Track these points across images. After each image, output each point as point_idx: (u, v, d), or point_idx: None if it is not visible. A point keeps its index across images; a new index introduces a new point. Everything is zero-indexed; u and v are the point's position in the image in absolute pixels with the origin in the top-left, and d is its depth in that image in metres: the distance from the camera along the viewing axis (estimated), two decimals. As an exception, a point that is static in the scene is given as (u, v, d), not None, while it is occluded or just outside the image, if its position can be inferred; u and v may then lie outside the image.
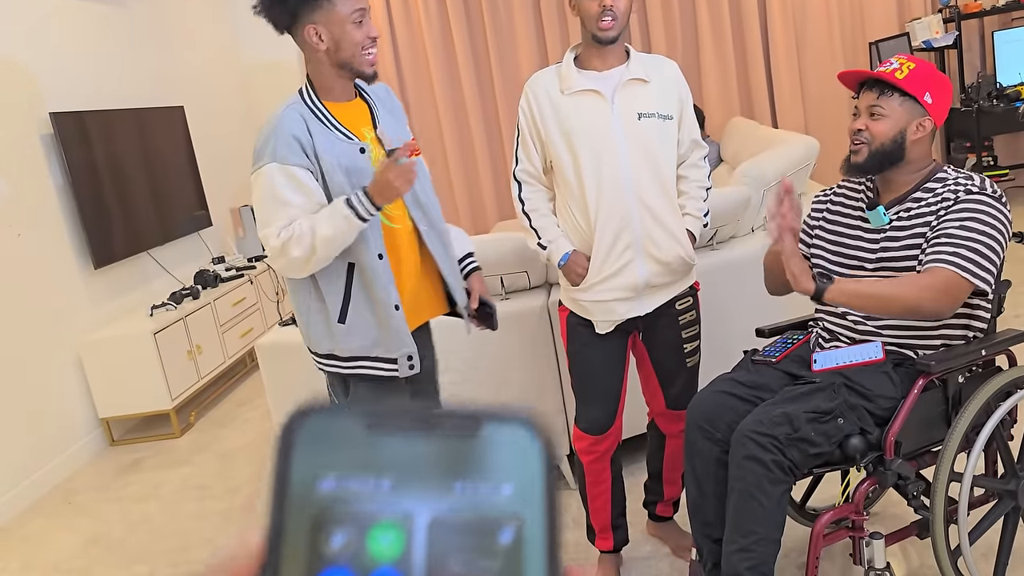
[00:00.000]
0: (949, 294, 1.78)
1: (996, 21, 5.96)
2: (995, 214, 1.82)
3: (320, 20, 1.76)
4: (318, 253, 1.80)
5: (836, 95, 6.14)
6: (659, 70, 2.15)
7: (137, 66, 5.07)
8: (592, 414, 2.26)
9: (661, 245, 2.12)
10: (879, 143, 1.91)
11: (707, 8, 6.07)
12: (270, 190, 1.79)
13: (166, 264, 4.99)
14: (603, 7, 2.01)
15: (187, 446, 4.12)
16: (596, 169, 2.08)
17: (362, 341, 1.92)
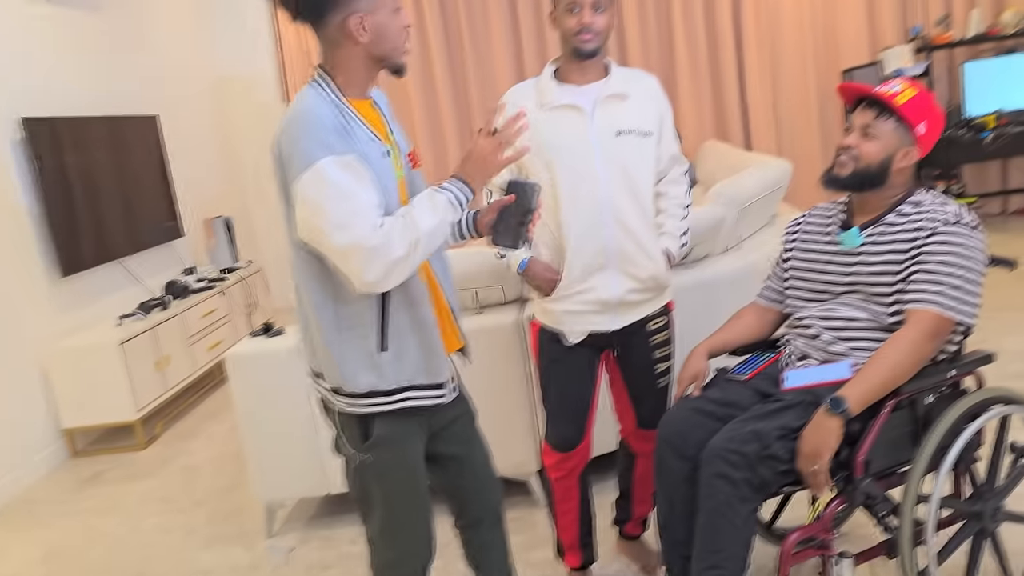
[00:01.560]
0: (939, 337, 1.83)
1: (965, 52, 6.10)
2: (974, 246, 1.85)
3: (364, 8, 1.57)
4: (420, 250, 1.55)
5: (809, 120, 6.23)
6: (639, 85, 2.15)
7: (112, 74, 5.02)
8: (561, 430, 2.24)
9: (636, 262, 2.12)
10: (865, 163, 1.93)
11: (683, 33, 6.14)
12: (334, 187, 1.49)
13: (136, 273, 4.92)
14: (582, 25, 2.02)
15: (151, 459, 4.04)
16: (573, 185, 2.07)
17: (409, 368, 1.68)
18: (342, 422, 1.73)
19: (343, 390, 1.67)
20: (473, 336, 2.80)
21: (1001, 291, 4.43)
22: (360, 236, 1.49)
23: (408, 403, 1.69)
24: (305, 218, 1.53)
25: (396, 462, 1.73)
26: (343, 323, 1.64)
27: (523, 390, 2.84)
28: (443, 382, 1.74)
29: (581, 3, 2.01)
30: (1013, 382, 3.27)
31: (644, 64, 6.19)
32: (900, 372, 1.81)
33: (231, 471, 3.71)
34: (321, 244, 1.54)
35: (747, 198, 3.05)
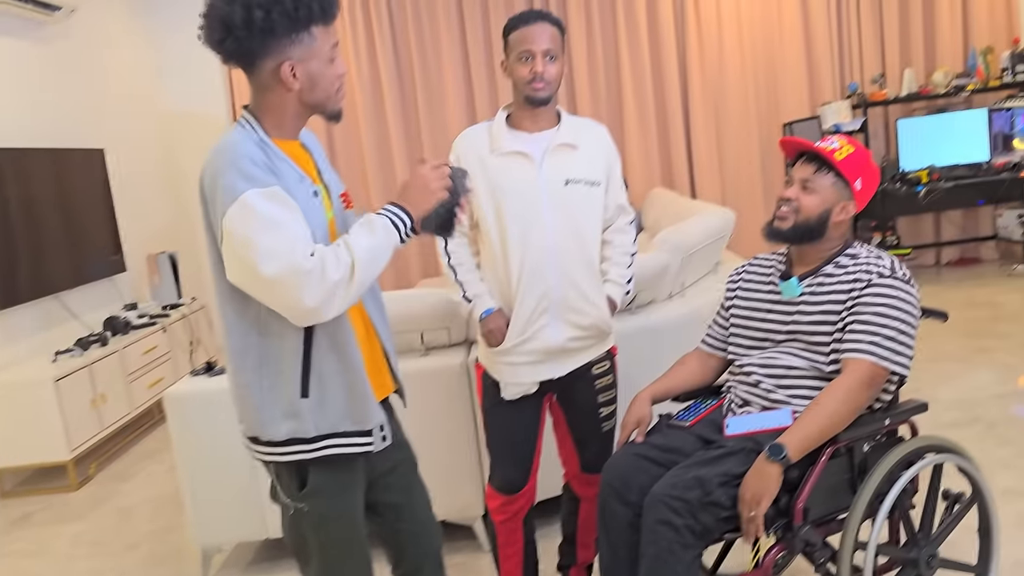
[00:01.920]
0: (874, 386, 1.88)
1: (899, 110, 6.36)
2: (907, 299, 1.92)
3: (297, 56, 1.55)
4: (359, 274, 1.50)
5: (751, 170, 6.42)
6: (589, 135, 2.19)
7: (58, 106, 4.94)
8: (506, 473, 2.24)
9: (578, 310, 2.14)
10: (805, 216, 2.00)
11: (631, 84, 6.29)
12: (262, 217, 1.45)
13: (75, 308, 4.79)
14: (534, 73, 2.06)
15: (84, 500, 3.90)
16: (521, 233, 2.09)
17: (332, 414, 1.62)
18: (277, 470, 1.67)
19: (261, 438, 1.62)
20: (418, 378, 2.78)
21: (935, 342, 4.58)
22: (292, 262, 1.44)
23: (331, 451, 1.63)
24: (234, 253, 1.48)
25: (333, 511, 1.68)
26: (264, 368, 1.59)
27: (468, 433, 2.83)
28: (371, 429, 1.67)
29: (533, 52, 2.06)
30: (946, 431, 3.37)
31: (593, 113, 6.32)
32: (837, 420, 1.85)
33: (167, 513, 3.60)
34: (253, 280, 1.48)
35: (691, 245, 3.11)
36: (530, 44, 2.06)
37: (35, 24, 4.79)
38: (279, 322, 1.57)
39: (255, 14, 1.50)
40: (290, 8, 1.52)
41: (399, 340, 2.85)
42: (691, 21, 6.25)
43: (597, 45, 6.27)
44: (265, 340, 1.58)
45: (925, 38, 6.31)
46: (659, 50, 6.31)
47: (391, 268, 6.50)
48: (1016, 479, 2.90)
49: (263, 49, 1.54)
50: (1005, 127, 6.06)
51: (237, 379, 1.61)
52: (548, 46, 2.07)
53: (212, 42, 1.56)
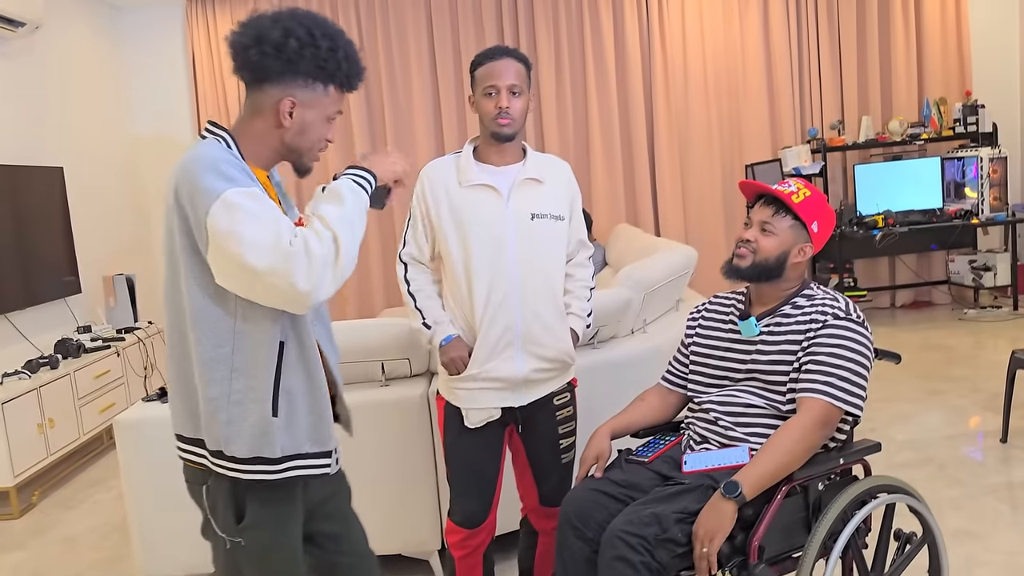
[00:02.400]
0: (828, 425, 1.91)
1: (857, 155, 6.53)
2: (862, 340, 1.96)
3: (301, 98, 1.59)
4: (343, 243, 1.50)
5: (714, 210, 6.52)
6: (553, 170, 2.23)
7: (17, 122, 4.86)
8: (467, 506, 2.22)
9: (542, 343, 2.16)
10: (763, 256, 2.04)
11: (599, 124, 6.38)
12: (244, 211, 1.45)
13: (25, 330, 4.67)
14: (499, 109, 2.09)
15: (25, 528, 3.77)
16: (487, 266, 2.11)
17: (298, 435, 1.60)
18: (212, 503, 1.63)
19: (225, 453, 1.58)
20: (378, 409, 2.75)
21: (889, 383, 4.66)
22: (278, 250, 1.45)
23: (294, 472, 1.61)
24: (221, 251, 1.47)
25: (273, 544, 1.64)
26: (235, 383, 1.56)
27: (427, 466, 2.80)
28: (330, 451, 1.67)
29: (498, 87, 2.09)
30: (899, 471, 3.42)
31: (561, 150, 6.39)
32: (792, 458, 1.87)
33: (113, 543, 3.49)
34: (242, 274, 1.47)
35: (654, 282, 3.14)
36: (495, 80, 2.09)
37: (-2, 40, 4.73)
38: (255, 335, 1.56)
39: (290, 42, 1.56)
40: (322, 56, 1.58)
41: (360, 370, 2.82)
42: (658, 63, 6.38)
43: (566, 84, 6.36)
44: (239, 353, 1.56)
45: (882, 88, 6.51)
46: (626, 91, 6.41)
47: (354, 297, 6.46)
48: (966, 520, 2.95)
49: (278, 76, 1.58)
50: (957, 175, 6.25)
51: (206, 391, 1.57)
52: (513, 81, 2.09)
53: (237, 46, 1.58)
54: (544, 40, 6.30)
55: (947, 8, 6.43)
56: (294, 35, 1.56)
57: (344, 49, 1.61)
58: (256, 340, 1.56)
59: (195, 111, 6.37)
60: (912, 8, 6.41)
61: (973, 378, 4.60)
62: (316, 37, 1.57)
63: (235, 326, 1.56)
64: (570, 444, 2.28)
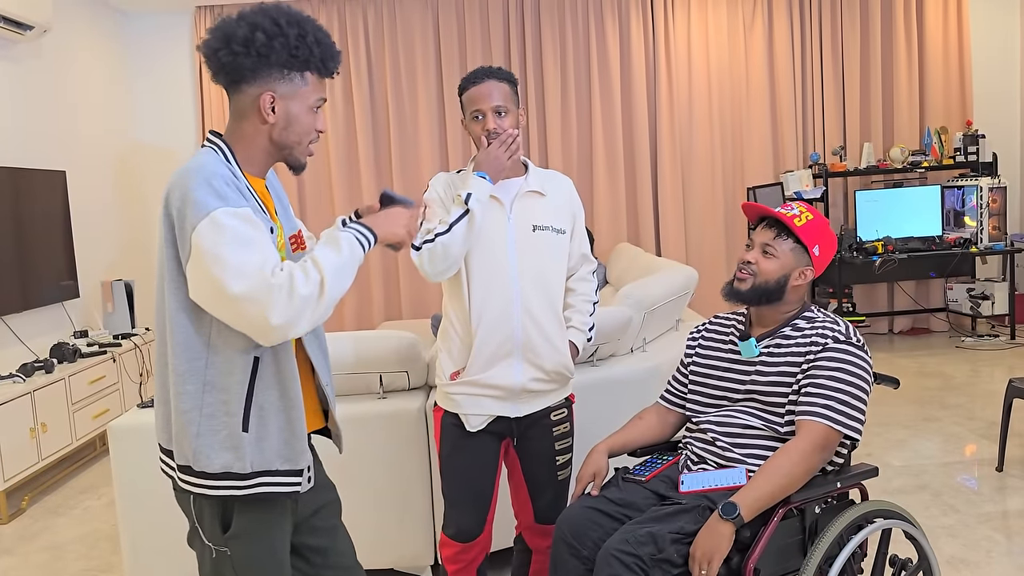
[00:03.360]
0: (827, 449, 1.91)
1: (858, 181, 6.56)
2: (861, 364, 1.95)
3: (282, 92, 1.58)
4: (328, 290, 1.49)
5: (715, 231, 6.53)
6: (555, 184, 2.25)
7: (22, 125, 4.87)
8: (462, 520, 2.20)
9: (541, 353, 2.16)
10: (764, 279, 2.04)
11: (603, 143, 6.40)
12: (233, 233, 1.44)
13: (22, 333, 4.65)
14: (487, 131, 2.11)
15: (13, 534, 3.74)
16: (487, 275, 2.12)
17: (268, 451, 1.58)
18: (199, 510, 1.61)
19: (194, 468, 1.56)
20: (375, 421, 2.74)
21: (885, 408, 4.65)
22: (260, 280, 1.44)
23: (263, 489, 1.59)
24: (201, 270, 1.46)
25: (260, 555, 1.62)
26: (208, 395, 1.55)
27: (422, 479, 2.78)
28: (302, 469, 1.63)
29: (483, 111, 2.12)
30: (894, 497, 3.40)
31: (564, 167, 6.41)
32: (790, 481, 1.86)
33: (102, 552, 3.46)
34: (219, 297, 1.46)
35: (654, 301, 3.14)
36: (480, 104, 2.11)
37: (6, 42, 4.75)
38: (228, 349, 1.55)
39: (257, 36, 1.55)
40: (292, 44, 1.57)
41: (358, 382, 2.82)
42: (662, 84, 6.41)
43: (571, 102, 6.39)
44: (212, 367, 1.55)
45: (884, 115, 6.55)
46: (630, 111, 6.44)
47: (353, 309, 6.45)
48: (960, 548, 2.93)
49: (253, 73, 1.57)
50: (956, 204, 6.27)
51: (178, 403, 1.56)
52: (498, 103, 2.11)
53: (209, 51, 1.58)
54: (550, 59, 6.34)
55: (950, 38, 6.48)
56: (260, 28, 1.55)
57: (313, 34, 1.60)
58: (229, 355, 1.55)
59: (200, 119, 6.39)
60: (915, 38, 6.46)
61: (969, 406, 4.60)
62: (282, 26, 1.56)
63: (209, 340, 1.55)
64: (566, 461, 2.27)
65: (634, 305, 3.02)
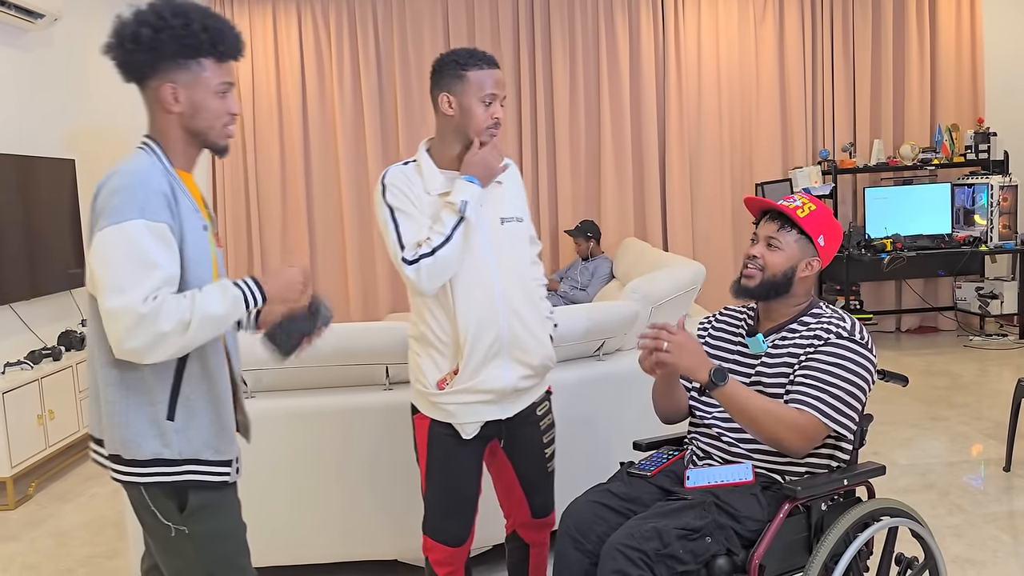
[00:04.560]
0: (807, 437, 1.88)
1: (867, 178, 6.53)
2: (862, 361, 1.93)
3: (181, 81, 1.62)
4: (191, 333, 1.52)
5: (723, 227, 6.51)
6: (507, 172, 2.15)
7: (32, 113, 4.87)
8: (452, 526, 2.15)
9: (528, 349, 2.09)
10: (771, 273, 2.02)
11: (611, 136, 6.39)
12: (134, 249, 1.50)
13: (30, 320, 4.67)
14: (496, 119, 2.03)
15: (20, 520, 3.76)
16: (468, 276, 2.03)
17: (196, 441, 1.62)
18: (150, 493, 1.63)
19: (123, 456, 1.60)
20: (380, 413, 2.75)
21: (892, 407, 4.63)
22: (131, 302, 1.48)
23: (191, 476, 1.63)
24: (93, 270, 1.53)
25: (221, 529, 1.68)
26: (132, 385, 1.59)
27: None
28: (230, 460, 1.69)
29: (498, 96, 2.03)
30: (900, 495, 3.39)
31: (572, 162, 6.40)
32: (764, 429, 1.86)
33: (108, 539, 3.48)
34: (97, 300, 1.53)
35: (661, 296, 3.14)
36: (496, 89, 2.02)
37: (17, 30, 4.75)
38: None
39: (143, 31, 1.59)
40: (179, 33, 1.60)
41: (364, 373, 2.82)
42: (672, 79, 6.39)
43: (580, 96, 6.38)
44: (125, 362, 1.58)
45: (895, 112, 6.52)
46: (639, 105, 6.42)
47: (359, 301, 6.45)
48: (966, 548, 2.92)
49: (151, 68, 1.62)
50: (967, 202, 6.24)
51: (105, 394, 1.60)
52: (504, 93, 2.08)
53: (107, 52, 1.64)
54: (559, 51, 6.32)
55: (962, 36, 6.44)
56: (146, 23, 1.59)
57: (200, 21, 1.62)
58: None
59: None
60: (928, 34, 6.42)
61: (976, 406, 4.58)
62: (167, 18, 1.59)
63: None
64: (553, 452, 2.25)
65: (641, 300, 3.01)
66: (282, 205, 6.44)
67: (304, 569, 2.98)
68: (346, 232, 6.43)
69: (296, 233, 6.44)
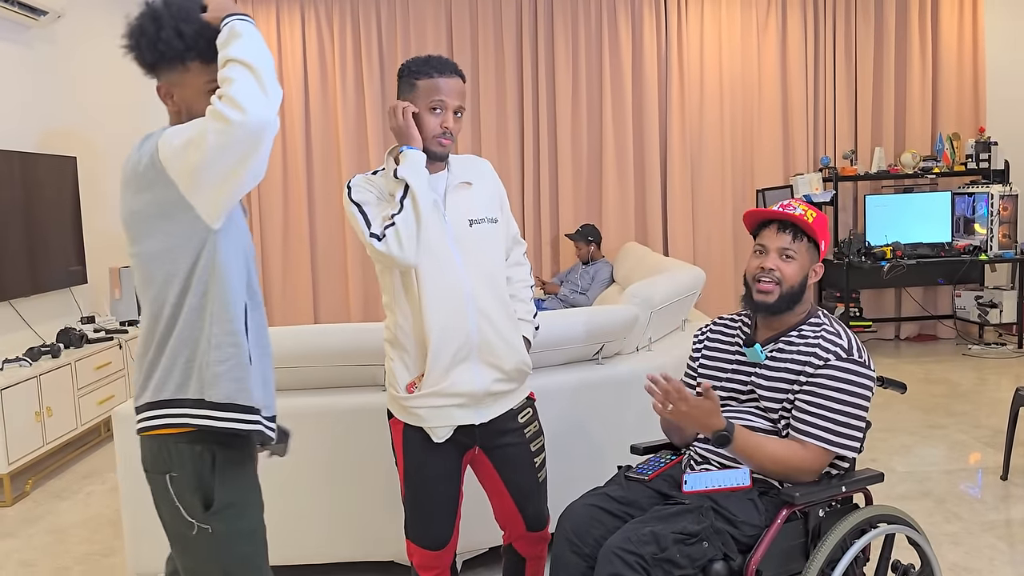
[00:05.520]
0: (816, 470, 1.94)
1: (868, 186, 6.54)
2: (863, 381, 1.94)
3: (174, 81, 1.69)
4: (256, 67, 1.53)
5: (723, 232, 6.52)
6: (478, 171, 2.14)
7: (34, 110, 4.88)
8: (433, 531, 2.13)
9: (499, 353, 2.07)
10: (789, 285, 2.01)
11: (613, 140, 6.40)
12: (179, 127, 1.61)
13: (29, 317, 4.67)
14: (444, 128, 2.02)
15: (16, 516, 3.76)
16: (433, 278, 2.01)
17: (258, 393, 1.67)
18: (178, 490, 1.65)
19: (205, 400, 1.61)
20: (379, 414, 2.75)
21: (891, 414, 4.63)
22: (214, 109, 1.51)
23: (259, 427, 1.66)
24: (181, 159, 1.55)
25: (243, 528, 1.68)
26: (215, 327, 1.62)
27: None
28: (274, 416, 1.75)
29: (446, 105, 2.01)
30: (897, 502, 3.39)
31: (574, 165, 6.41)
32: (773, 466, 1.92)
33: (104, 537, 3.48)
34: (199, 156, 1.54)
35: (661, 300, 3.14)
36: (444, 96, 2.00)
37: (20, 27, 4.76)
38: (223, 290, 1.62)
39: (131, 38, 1.69)
40: (153, 40, 1.66)
41: (363, 373, 2.82)
42: (674, 84, 6.40)
43: (582, 100, 6.38)
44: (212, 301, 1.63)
45: (896, 120, 6.53)
46: (641, 110, 6.43)
47: (359, 301, 6.45)
48: (963, 556, 2.92)
49: (150, 69, 1.70)
50: (967, 211, 6.24)
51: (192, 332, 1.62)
52: (459, 103, 2.04)
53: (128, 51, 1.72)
54: (562, 56, 6.33)
55: (964, 45, 6.45)
56: (130, 30, 1.68)
57: (171, 27, 1.64)
58: (224, 294, 1.62)
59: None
60: (930, 43, 6.43)
61: (975, 414, 4.58)
62: (144, 25, 1.66)
63: (206, 278, 1.62)
64: (543, 460, 2.20)
65: (641, 304, 3.01)
66: (283, 207, 6.44)
67: (301, 569, 2.98)
68: (347, 234, 6.43)
69: (297, 234, 6.44)
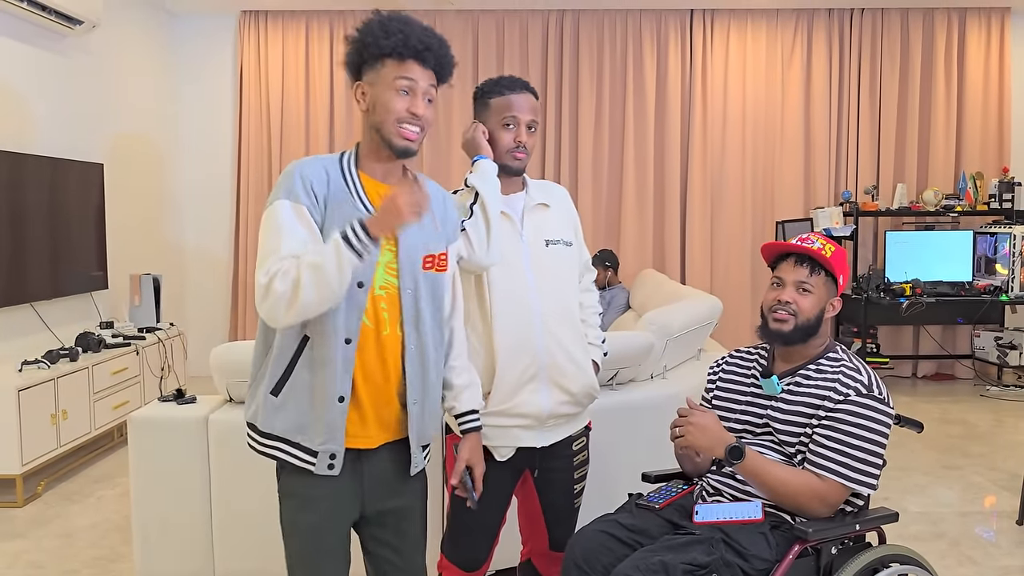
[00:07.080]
0: (829, 504, 1.92)
1: (889, 222, 6.51)
2: (882, 419, 1.93)
3: (367, 80, 1.74)
4: (303, 288, 1.57)
5: (742, 262, 6.50)
6: (555, 195, 2.18)
7: (65, 116, 4.96)
8: (472, 551, 2.14)
9: (567, 374, 2.09)
10: (805, 318, 2.01)
11: (634, 167, 6.42)
12: (274, 222, 1.65)
13: (49, 320, 4.72)
14: (518, 142, 2.06)
15: (27, 518, 3.78)
16: (505, 296, 2.04)
17: (283, 422, 1.72)
18: (279, 465, 1.80)
19: (246, 419, 1.81)
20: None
21: (906, 453, 4.58)
22: (261, 272, 1.63)
23: (276, 453, 1.75)
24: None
25: (299, 522, 1.76)
26: (265, 359, 1.76)
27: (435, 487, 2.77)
28: (316, 451, 1.71)
29: (519, 120, 2.06)
30: (911, 543, 3.34)
31: (594, 190, 6.43)
32: (786, 497, 1.91)
33: (112, 542, 3.49)
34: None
35: (677, 329, 3.13)
36: (516, 111, 2.05)
37: (56, 35, 4.85)
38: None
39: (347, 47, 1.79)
40: (358, 38, 1.75)
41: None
42: (697, 114, 6.42)
43: (604, 127, 6.42)
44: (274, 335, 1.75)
45: (919, 157, 6.51)
46: (663, 138, 6.46)
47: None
48: (977, 601, 2.88)
49: (354, 70, 1.77)
50: (988, 251, 6.20)
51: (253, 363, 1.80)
52: (532, 117, 2.08)
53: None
54: (586, 82, 6.37)
55: (990, 85, 6.43)
56: (349, 40, 1.77)
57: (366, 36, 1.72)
58: (286, 329, 1.71)
59: (237, 122, 6.48)
60: (955, 81, 6.43)
61: (991, 456, 4.52)
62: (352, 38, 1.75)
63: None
64: (582, 488, 2.23)
65: (657, 331, 3.00)
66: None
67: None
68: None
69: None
